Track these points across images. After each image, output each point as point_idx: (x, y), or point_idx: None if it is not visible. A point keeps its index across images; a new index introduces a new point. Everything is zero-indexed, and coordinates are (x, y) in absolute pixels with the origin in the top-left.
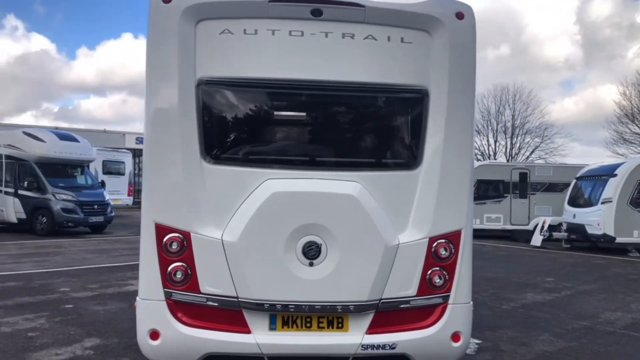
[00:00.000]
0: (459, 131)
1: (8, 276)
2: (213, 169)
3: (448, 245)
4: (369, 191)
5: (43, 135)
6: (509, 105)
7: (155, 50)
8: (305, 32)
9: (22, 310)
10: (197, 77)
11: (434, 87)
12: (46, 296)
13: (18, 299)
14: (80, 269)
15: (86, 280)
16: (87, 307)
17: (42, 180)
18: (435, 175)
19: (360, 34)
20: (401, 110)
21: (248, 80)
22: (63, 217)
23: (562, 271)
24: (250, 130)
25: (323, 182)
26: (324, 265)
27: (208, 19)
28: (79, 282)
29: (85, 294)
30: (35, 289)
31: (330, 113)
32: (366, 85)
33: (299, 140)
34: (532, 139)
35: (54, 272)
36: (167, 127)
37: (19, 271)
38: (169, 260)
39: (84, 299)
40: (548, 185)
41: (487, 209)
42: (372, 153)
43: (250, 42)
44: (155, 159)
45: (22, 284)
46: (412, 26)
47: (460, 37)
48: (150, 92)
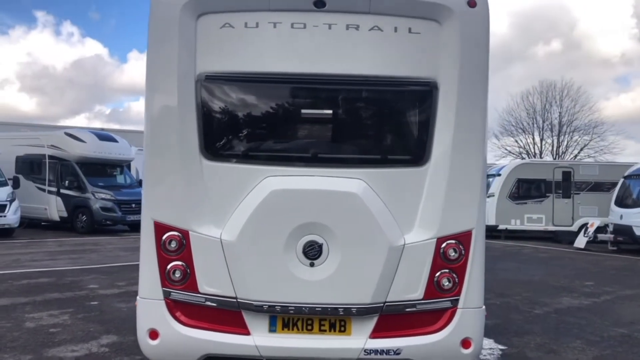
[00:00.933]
0: (470, 126)
1: (42, 272)
2: (213, 165)
3: (458, 247)
4: (374, 189)
5: (83, 136)
6: (555, 102)
7: (156, 45)
8: (308, 24)
9: (49, 306)
10: (197, 72)
11: (444, 80)
12: (74, 293)
13: (47, 295)
14: (112, 266)
15: (116, 277)
16: (112, 304)
17: (82, 180)
18: (445, 172)
19: (365, 25)
20: (408, 104)
21: (249, 75)
22: (102, 215)
23: (604, 275)
24: (251, 126)
25: (325, 179)
26: (325, 265)
27: (209, 12)
28: (108, 279)
29: (112, 291)
30: (65, 285)
31: (334, 108)
32: (371, 78)
33: (301, 136)
34: (581, 136)
35: (86, 269)
36: (166, 123)
37: (54, 267)
38: (168, 259)
39: (110, 296)
40: (593, 185)
41: (528, 209)
42: (377, 149)
43: (252, 36)
44: (154, 156)
45: (54, 280)
46: (421, 15)
47: (473, 26)
48: (150, 88)
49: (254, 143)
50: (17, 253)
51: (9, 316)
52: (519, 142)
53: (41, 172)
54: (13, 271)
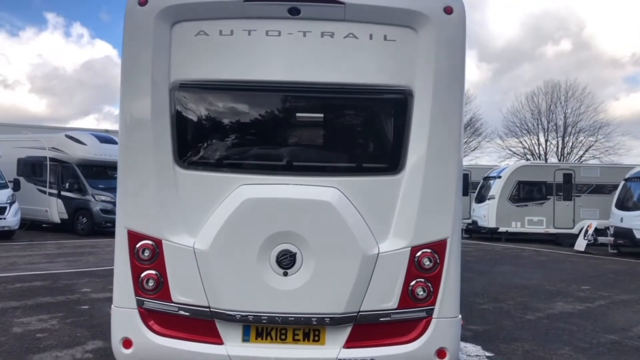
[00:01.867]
0: (445, 134)
1: (37, 275)
2: (186, 174)
3: (432, 255)
4: (348, 197)
5: (84, 138)
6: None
7: (130, 53)
8: (283, 31)
9: (40, 310)
10: (171, 80)
11: (419, 88)
12: (66, 297)
13: (39, 298)
14: (107, 269)
15: (109, 280)
16: (102, 308)
17: (82, 182)
18: (419, 180)
19: (340, 32)
20: (383, 112)
21: (223, 83)
22: (102, 217)
23: (602, 279)
24: (225, 134)
25: (299, 187)
26: (298, 275)
27: (183, 20)
28: (102, 282)
29: (104, 295)
30: (59, 289)
31: (308, 115)
32: (346, 86)
33: (275, 144)
34: (586, 137)
35: (81, 272)
36: (140, 130)
37: (50, 271)
38: (141, 267)
39: (102, 300)
40: (595, 187)
41: (528, 212)
42: (352, 157)
43: (226, 43)
44: (128, 164)
45: (48, 283)
46: (396, 23)
47: (449, 33)
48: (124, 95)
49: (228, 151)
50: (15, 255)
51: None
52: (524, 143)
53: (42, 174)
54: (8, 274)
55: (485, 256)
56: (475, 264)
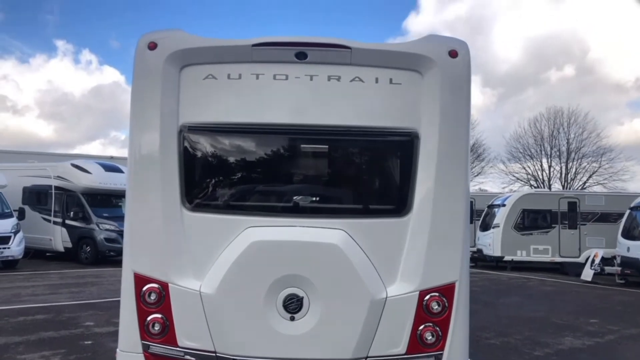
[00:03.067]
0: (451, 176)
1: (40, 308)
2: (193, 216)
3: (441, 299)
4: (355, 240)
5: (89, 167)
6: (563, 129)
7: (140, 96)
8: (290, 75)
9: (42, 346)
10: (179, 122)
11: (425, 130)
12: (69, 331)
13: (42, 333)
14: (111, 300)
15: (113, 313)
16: (105, 344)
17: (87, 210)
18: (426, 222)
19: (346, 76)
20: (390, 154)
21: (231, 126)
22: (106, 246)
23: (611, 311)
24: (232, 176)
25: (306, 230)
26: (305, 319)
27: (192, 64)
28: (105, 315)
29: (107, 329)
30: (62, 322)
31: (316, 157)
32: (352, 128)
33: (282, 186)
34: (589, 163)
35: (85, 304)
36: (148, 172)
37: (53, 303)
38: (147, 311)
39: (105, 335)
40: (600, 215)
41: (533, 240)
42: (359, 199)
43: (234, 87)
44: (135, 206)
45: (51, 316)
46: (402, 66)
47: (454, 76)
48: (133, 137)
49: (235, 193)
50: (18, 286)
51: (0, 357)
52: (527, 168)
53: (47, 202)
54: (11, 307)
55: (491, 286)
56: (481, 294)
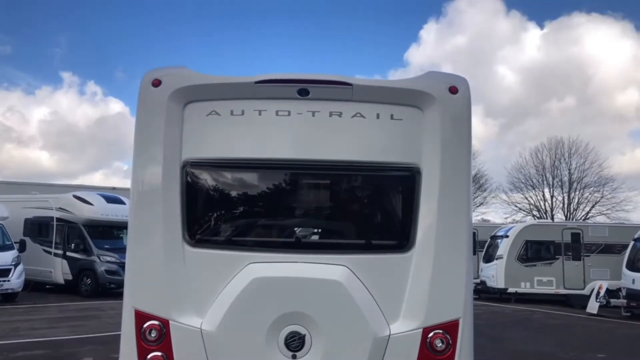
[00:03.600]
0: (453, 211)
1: (39, 343)
2: (195, 252)
3: (444, 337)
4: (358, 276)
5: (91, 198)
6: (564, 159)
7: (143, 132)
8: (292, 111)
9: None
10: (182, 158)
11: (426, 165)
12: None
13: None
14: (111, 335)
15: (113, 348)
16: None
17: (88, 242)
18: (429, 258)
19: (348, 112)
20: (392, 189)
21: (234, 161)
22: (106, 278)
23: (617, 345)
24: (235, 212)
25: (308, 266)
26: (308, 358)
27: (196, 101)
28: (104, 350)
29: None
30: (61, 358)
31: (318, 193)
32: (354, 163)
33: (284, 221)
34: (592, 193)
35: (84, 338)
36: (150, 208)
37: (52, 337)
38: (147, 349)
39: None
40: (604, 247)
41: (537, 272)
42: (361, 234)
43: (237, 123)
44: (137, 241)
45: (49, 352)
46: (403, 102)
47: (454, 112)
48: (136, 173)
49: (237, 229)
50: (18, 320)
51: None
52: (529, 198)
53: (48, 234)
54: (10, 342)
55: (495, 319)
56: (485, 328)
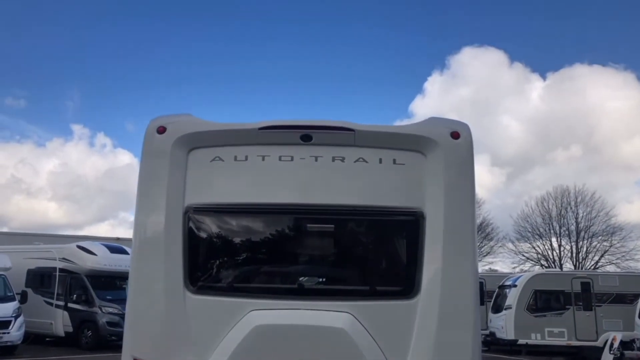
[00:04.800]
0: (459, 255)
1: None
2: (196, 299)
3: None
4: (362, 323)
5: (94, 249)
6: (571, 208)
7: (147, 178)
8: (295, 156)
9: None
10: (185, 204)
11: (430, 209)
12: None
13: None
14: None
15: None
16: None
17: (90, 293)
18: (435, 304)
19: (350, 157)
20: (395, 234)
21: (236, 206)
22: (107, 330)
23: None
24: (237, 258)
25: (311, 313)
26: None
27: (200, 147)
28: None
29: None
30: None
31: (321, 238)
32: (357, 208)
33: (287, 267)
34: (600, 242)
35: None
36: (152, 254)
37: None
38: None
39: None
40: (615, 296)
41: (548, 322)
42: (365, 280)
43: (240, 168)
44: (138, 289)
45: None
46: (405, 147)
47: (456, 156)
48: (139, 217)
49: (239, 275)
50: None
51: None
52: (537, 248)
53: (50, 285)
54: None
55: None
56: None
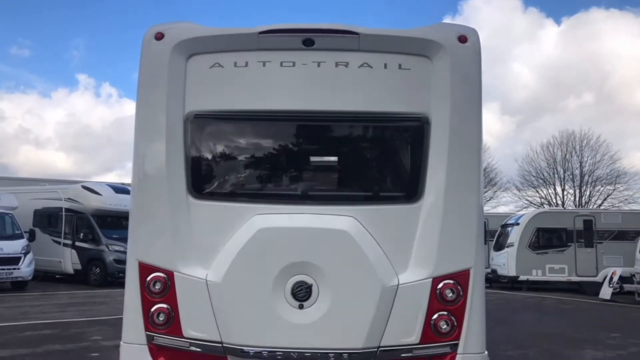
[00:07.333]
0: (463, 161)
1: (47, 324)
2: (200, 204)
3: (455, 287)
4: (366, 227)
5: (100, 189)
6: (575, 152)
7: (146, 86)
8: (297, 62)
9: (48, 357)
10: (186, 111)
11: (435, 115)
12: (76, 344)
13: (49, 346)
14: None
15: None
16: (112, 356)
17: (97, 232)
18: (439, 209)
19: (354, 62)
20: (400, 140)
21: (237, 113)
22: (115, 267)
23: (632, 327)
24: (239, 164)
25: (315, 217)
26: (315, 307)
27: (199, 53)
28: (113, 330)
29: (115, 342)
30: (69, 337)
31: (324, 144)
32: (362, 114)
33: (290, 173)
34: (604, 186)
35: (93, 320)
36: (154, 161)
37: (60, 319)
38: (152, 301)
39: (112, 347)
40: (617, 233)
41: (549, 259)
42: (368, 186)
43: (241, 75)
44: (141, 195)
45: (58, 331)
46: (411, 52)
47: (463, 61)
48: (139, 126)
49: (242, 181)
50: (27, 305)
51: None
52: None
53: (57, 225)
54: (19, 323)
55: (507, 305)
56: (496, 312)
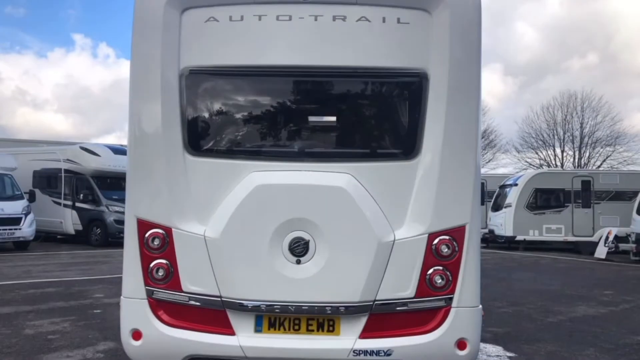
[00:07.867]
0: (461, 118)
1: (50, 282)
2: (196, 161)
3: (450, 242)
4: (362, 183)
5: (98, 150)
6: (576, 114)
7: (140, 40)
8: (294, 16)
9: (52, 314)
10: (181, 66)
11: (434, 70)
12: (79, 301)
13: (52, 303)
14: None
15: None
16: (114, 312)
17: (96, 193)
18: (435, 165)
19: (352, 15)
20: (397, 96)
21: (233, 68)
22: (115, 228)
23: (625, 284)
24: (235, 120)
25: (312, 174)
26: (312, 262)
27: (193, 7)
28: (115, 288)
29: (116, 300)
30: (72, 294)
31: (321, 100)
32: (359, 69)
33: (287, 129)
34: (603, 147)
35: (95, 279)
36: (149, 118)
37: (63, 278)
38: (151, 256)
39: (114, 304)
40: (614, 194)
41: (546, 220)
42: (365, 142)
43: (236, 29)
44: (137, 152)
45: (61, 289)
46: (410, 5)
47: (463, 16)
48: (134, 83)
49: (239, 138)
50: (30, 265)
51: (10, 323)
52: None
53: (57, 186)
54: (22, 281)
55: (503, 263)
56: (492, 271)
